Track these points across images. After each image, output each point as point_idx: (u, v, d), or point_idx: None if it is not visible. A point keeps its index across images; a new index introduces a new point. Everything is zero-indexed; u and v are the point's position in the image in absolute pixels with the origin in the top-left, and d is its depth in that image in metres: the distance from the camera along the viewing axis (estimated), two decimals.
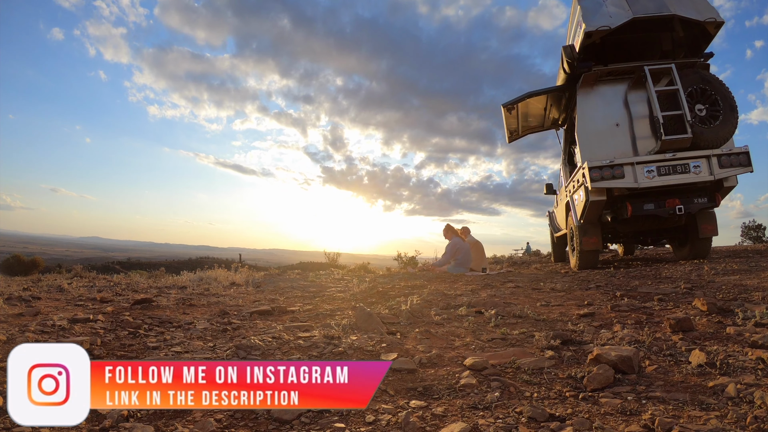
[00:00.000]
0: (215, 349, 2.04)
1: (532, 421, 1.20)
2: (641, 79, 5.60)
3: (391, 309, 2.89)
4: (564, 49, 5.97)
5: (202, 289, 4.55)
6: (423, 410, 1.33)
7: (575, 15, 5.90)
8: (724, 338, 1.88)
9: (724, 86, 5.40)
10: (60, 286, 4.51)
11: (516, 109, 7.03)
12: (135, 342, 2.17)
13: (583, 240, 5.84)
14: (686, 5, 5.44)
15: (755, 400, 1.21)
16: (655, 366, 1.58)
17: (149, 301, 3.28)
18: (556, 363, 1.69)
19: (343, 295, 3.93)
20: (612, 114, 5.84)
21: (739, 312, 2.23)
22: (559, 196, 8.13)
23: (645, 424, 1.14)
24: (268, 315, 2.96)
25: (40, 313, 2.75)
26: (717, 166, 5.14)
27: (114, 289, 4.37)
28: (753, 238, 16.15)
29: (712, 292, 2.99)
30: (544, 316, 2.58)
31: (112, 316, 2.74)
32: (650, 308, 2.62)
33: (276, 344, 2.05)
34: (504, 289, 3.91)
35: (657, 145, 5.40)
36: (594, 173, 5.22)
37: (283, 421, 1.29)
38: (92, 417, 1.32)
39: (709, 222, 5.60)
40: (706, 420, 1.13)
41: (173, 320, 2.71)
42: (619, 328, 2.14)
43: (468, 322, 2.46)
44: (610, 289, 3.54)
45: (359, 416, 1.31)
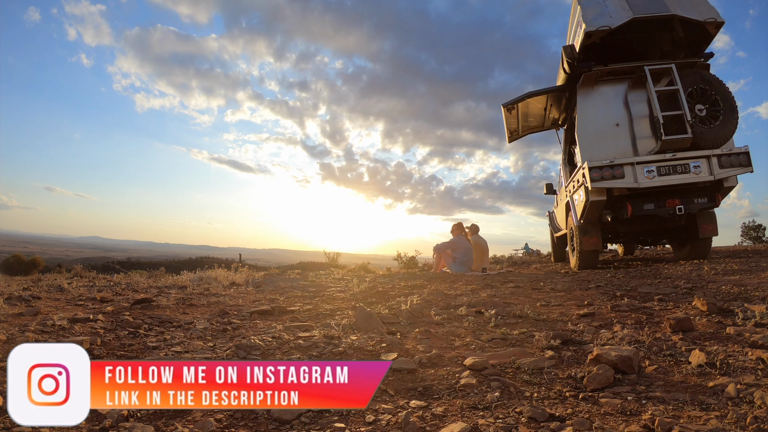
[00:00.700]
0: (215, 349, 2.04)
1: (532, 421, 1.20)
2: (641, 79, 5.60)
3: (391, 309, 2.89)
4: (564, 49, 5.98)
5: (202, 288, 4.55)
6: (423, 410, 1.33)
7: (575, 15, 5.90)
8: (724, 338, 1.88)
9: (725, 86, 5.40)
10: (60, 285, 4.51)
11: (516, 109, 7.04)
12: (135, 342, 2.17)
13: (583, 240, 5.84)
14: (686, 5, 5.44)
15: (755, 400, 1.21)
16: (655, 366, 1.58)
17: (149, 301, 3.28)
18: (556, 363, 1.69)
19: (343, 295, 3.93)
20: (612, 114, 5.84)
21: (739, 312, 2.23)
22: (559, 196, 8.13)
23: (645, 424, 1.14)
24: (268, 315, 2.96)
25: (40, 313, 2.75)
26: (717, 166, 5.14)
27: (114, 289, 4.37)
28: (753, 238, 16.16)
29: (712, 293, 2.99)
30: (544, 316, 2.58)
31: (112, 315, 2.74)
32: (650, 308, 2.62)
33: (276, 344, 2.05)
34: (504, 289, 3.91)
35: (657, 145, 5.40)
36: (594, 173, 5.22)
37: (283, 421, 1.29)
38: (92, 417, 1.32)
39: (709, 222, 5.60)
40: (706, 420, 1.13)
41: (173, 320, 2.71)
42: (619, 328, 2.14)
43: (468, 322, 2.46)
44: (610, 289, 3.54)
45: (359, 416, 1.31)
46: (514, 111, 7.09)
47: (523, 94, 6.63)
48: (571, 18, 6.20)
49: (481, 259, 7.30)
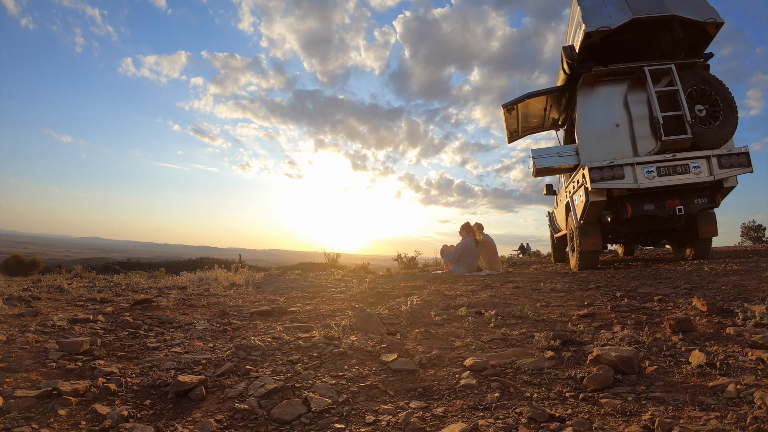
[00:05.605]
0: (215, 350, 2.04)
1: (532, 422, 1.20)
2: (641, 79, 5.61)
3: (391, 309, 2.89)
4: (564, 50, 5.98)
5: (202, 289, 4.55)
6: (423, 411, 1.33)
7: (575, 15, 5.90)
8: (724, 339, 1.88)
9: (724, 87, 5.41)
10: (60, 286, 4.51)
11: (516, 110, 7.05)
12: (135, 342, 2.17)
13: (583, 240, 5.84)
14: (686, 6, 5.44)
15: (755, 400, 1.21)
16: (655, 366, 1.58)
17: (149, 302, 3.28)
18: (556, 363, 1.69)
19: (343, 296, 3.93)
20: (612, 114, 5.85)
21: (739, 312, 2.23)
22: (559, 196, 8.14)
23: (645, 424, 1.14)
24: (268, 315, 2.96)
25: (40, 314, 2.75)
26: (717, 166, 5.15)
27: (114, 290, 4.37)
28: (753, 239, 16.16)
29: (712, 293, 2.99)
30: (544, 316, 2.58)
31: (112, 316, 2.74)
32: (650, 309, 2.62)
33: (276, 345, 2.05)
34: (504, 290, 3.91)
35: (657, 146, 5.40)
36: (594, 174, 5.23)
37: (283, 421, 1.29)
38: (92, 417, 1.32)
39: (708, 222, 5.61)
40: (706, 420, 1.13)
41: (173, 321, 2.71)
42: (619, 329, 2.14)
43: (468, 323, 2.46)
44: (610, 290, 3.54)
45: (359, 417, 1.31)
46: (514, 111, 7.10)
47: (522, 95, 6.65)
48: (570, 18, 6.20)
49: (494, 259, 6.97)
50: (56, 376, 1.65)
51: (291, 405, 1.36)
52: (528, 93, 6.64)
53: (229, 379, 1.64)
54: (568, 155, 6.07)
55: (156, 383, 1.58)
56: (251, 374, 1.68)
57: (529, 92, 6.63)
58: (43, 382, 1.55)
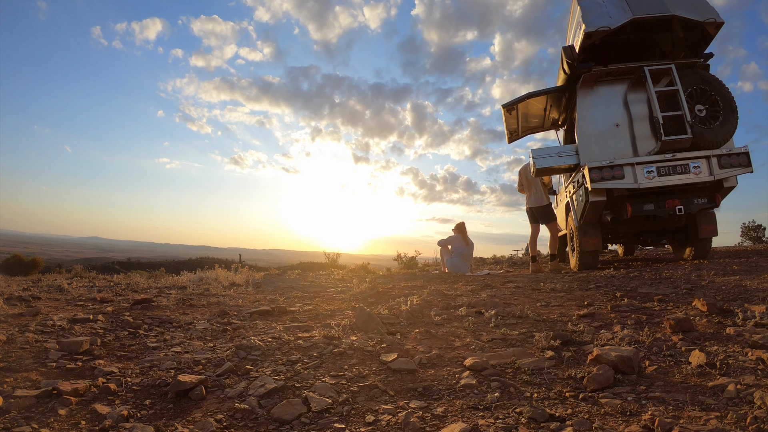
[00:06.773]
0: (215, 350, 2.04)
1: (532, 422, 1.20)
2: (641, 79, 5.60)
3: (391, 309, 2.89)
4: (564, 50, 5.98)
5: (202, 289, 4.55)
6: (423, 411, 1.33)
7: (575, 15, 5.90)
8: (724, 339, 1.88)
9: (724, 87, 5.40)
10: (60, 286, 4.51)
11: (516, 110, 7.05)
12: (135, 342, 2.17)
13: (583, 240, 5.85)
14: (686, 6, 5.44)
15: (755, 400, 1.21)
16: (655, 366, 1.58)
17: (149, 302, 3.28)
18: (556, 363, 1.69)
19: (343, 296, 3.93)
20: (612, 114, 5.84)
21: (739, 312, 2.23)
22: (558, 196, 8.14)
23: (645, 424, 1.14)
24: (268, 315, 2.96)
25: (40, 314, 2.75)
26: (717, 166, 5.14)
27: (114, 290, 4.37)
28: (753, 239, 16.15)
29: (712, 293, 2.99)
30: (544, 316, 2.58)
31: (112, 316, 2.74)
32: (650, 309, 2.62)
33: (276, 344, 2.05)
34: (504, 290, 3.91)
35: (657, 146, 5.40)
36: (594, 174, 5.23)
37: (283, 421, 1.29)
38: (92, 417, 1.32)
39: (709, 222, 5.61)
40: (706, 420, 1.13)
41: (173, 320, 2.71)
42: (619, 329, 2.14)
43: (468, 323, 2.46)
44: (610, 290, 3.54)
45: (359, 416, 1.31)
46: (514, 112, 7.10)
47: (522, 95, 6.66)
48: (570, 18, 6.20)
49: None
50: (56, 375, 1.65)
51: (291, 405, 1.36)
52: (528, 93, 6.66)
53: (229, 378, 1.64)
54: (568, 155, 6.07)
55: (156, 383, 1.58)
56: (251, 374, 1.68)
57: (529, 92, 6.65)
58: (43, 381, 1.55)
